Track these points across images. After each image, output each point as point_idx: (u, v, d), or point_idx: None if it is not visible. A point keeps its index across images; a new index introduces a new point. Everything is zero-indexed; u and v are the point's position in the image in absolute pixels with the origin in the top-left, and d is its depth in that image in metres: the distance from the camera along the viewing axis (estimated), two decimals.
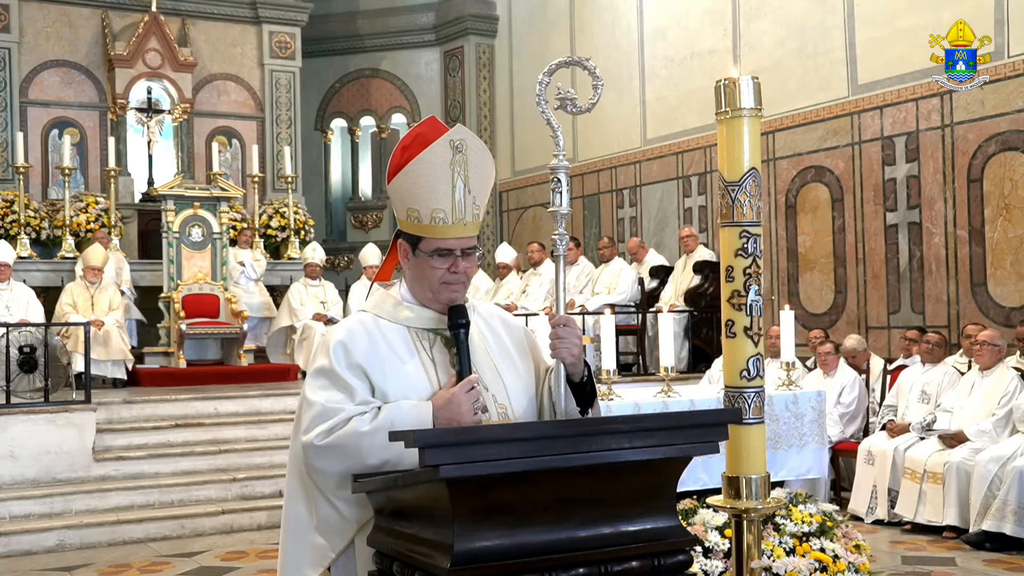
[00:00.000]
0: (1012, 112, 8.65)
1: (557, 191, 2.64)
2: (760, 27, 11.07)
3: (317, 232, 14.46)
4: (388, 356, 2.50)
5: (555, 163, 2.64)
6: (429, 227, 2.49)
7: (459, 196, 2.48)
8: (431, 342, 2.55)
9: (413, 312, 2.56)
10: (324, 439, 2.39)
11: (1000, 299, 8.74)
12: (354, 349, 2.48)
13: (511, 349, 2.64)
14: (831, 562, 5.05)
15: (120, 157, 13.30)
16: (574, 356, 2.52)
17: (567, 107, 2.71)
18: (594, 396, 2.59)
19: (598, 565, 2.17)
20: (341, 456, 2.39)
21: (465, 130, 2.52)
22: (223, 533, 7.90)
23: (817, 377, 8.73)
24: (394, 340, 2.52)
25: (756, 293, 2.83)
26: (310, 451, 2.41)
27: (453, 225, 2.48)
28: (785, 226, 10.73)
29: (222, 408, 9.29)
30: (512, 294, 11.76)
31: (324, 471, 2.43)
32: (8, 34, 13.08)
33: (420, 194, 2.48)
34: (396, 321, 2.55)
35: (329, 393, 2.44)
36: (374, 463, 2.37)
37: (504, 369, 2.59)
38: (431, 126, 2.57)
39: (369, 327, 2.54)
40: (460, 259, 2.51)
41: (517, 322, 2.77)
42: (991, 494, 6.93)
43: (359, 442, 2.37)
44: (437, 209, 2.47)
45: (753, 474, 2.83)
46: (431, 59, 16.27)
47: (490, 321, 2.67)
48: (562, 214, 2.63)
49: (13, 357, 8.89)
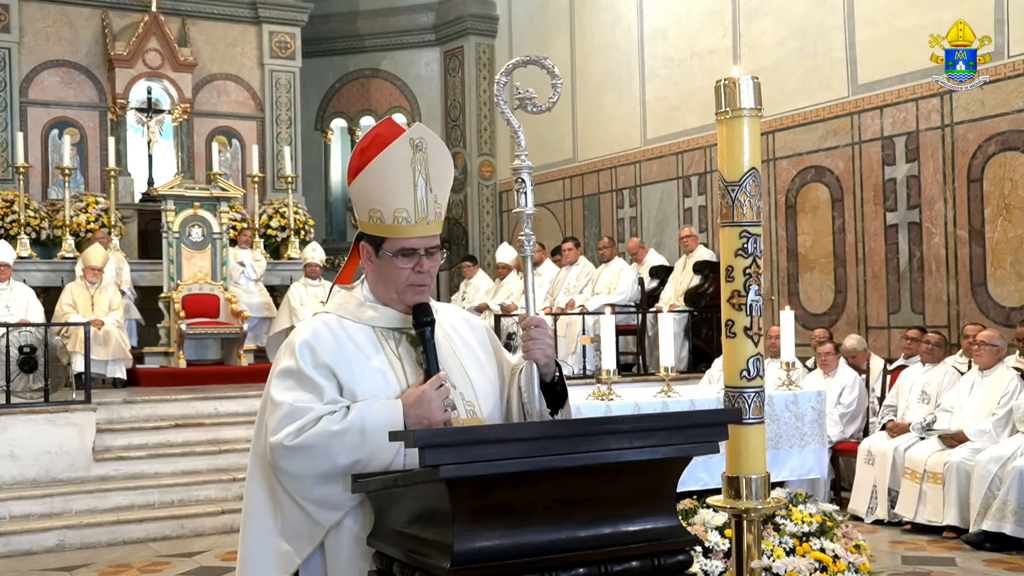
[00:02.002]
0: (1012, 112, 8.65)
1: (521, 191, 2.64)
2: (760, 27, 11.07)
3: (317, 232, 14.47)
4: (355, 355, 2.47)
5: (517, 163, 2.64)
6: (392, 227, 2.48)
7: (421, 195, 2.47)
8: (397, 341, 2.54)
9: (377, 312, 2.54)
10: (294, 439, 2.35)
11: (1000, 299, 8.74)
12: (320, 349, 2.45)
13: (476, 348, 2.64)
14: (831, 562, 5.05)
15: (120, 157, 13.30)
16: (547, 356, 2.52)
17: (527, 106, 2.70)
18: (565, 397, 2.58)
19: (598, 565, 2.17)
20: (311, 457, 2.35)
21: (424, 128, 2.53)
22: (223, 533, 7.90)
23: (817, 377, 8.73)
24: (360, 340, 2.50)
25: (756, 293, 2.83)
26: (279, 452, 2.37)
27: (416, 224, 2.48)
28: (785, 226, 10.73)
29: (222, 408, 9.29)
30: (512, 294, 11.76)
31: (293, 473, 2.38)
32: (8, 34, 13.08)
33: (382, 195, 2.47)
34: (360, 321, 2.53)
35: (296, 393, 2.40)
36: (345, 463, 2.35)
37: (470, 367, 2.58)
38: (388, 127, 2.57)
39: (334, 327, 2.51)
40: (424, 258, 2.50)
41: (480, 322, 2.78)
42: (991, 494, 6.93)
43: (330, 442, 2.34)
44: (399, 209, 2.47)
45: (753, 474, 2.82)
46: (431, 59, 16.27)
47: (453, 321, 2.66)
48: (527, 214, 2.64)
49: (13, 357, 8.90)
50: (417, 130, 2.50)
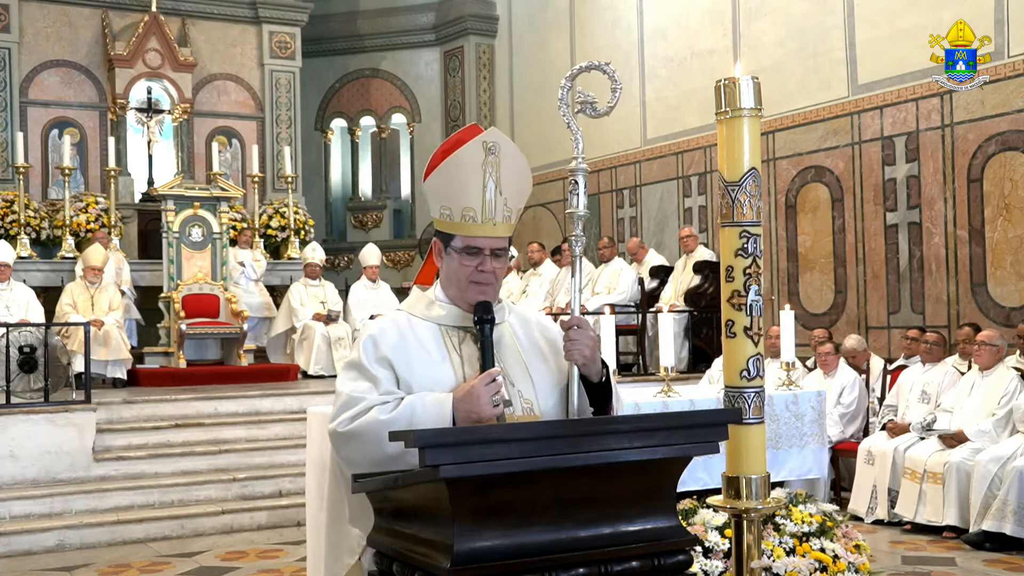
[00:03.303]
0: (1012, 112, 8.65)
1: (575, 192, 2.69)
2: (760, 27, 11.07)
3: (317, 232, 14.47)
4: (416, 350, 2.56)
5: (574, 165, 2.68)
6: (460, 225, 2.56)
7: (489, 196, 2.55)
8: (460, 339, 2.61)
9: (444, 310, 2.63)
10: (347, 426, 2.45)
11: (1000, 299, 8.74)
12: (383, 343, 2.55)
13: (544, 348, 2.69)
14: (831, 562, 5.05)
15: (120, 157, 13.30)
16: (585, 357, 2.56)
17: (587, 110, 2.73)
18: (610, 397, 2.63)
19: (598, 565, 2.17)
20: (362, 443, 2.44)
21: (499, 133, 2.60)
22: (223, 533, 7.90)
23: (817, 377, 8.73)
24: (424, 336, 2.59)
25: (756, 293, 2.83)
26: (334, 438, 2.49)
27: (482, 224, 2.56)
28: (785, 226, 10.73)
29: (222, 408, 9.29)
30: (512, 294, 11.76)
31: (348, 459, 2.49)
32: (8, 34, 13.08)
33: (452, 192, 2.56)
34: (428, 319, 2.62)
35: (356, 384, 2.51)
36: (393, 452, 2.39)
37: (534, 366, 2.63)
38: (470, 131, 2.67)
39: (401, 324, 2.61)
40: (489, 259, 2.58)
41: (555, 326, 2.80)
42: (991, 494, 6.93)
43: (379, 430, 2.40)
44: (468, 208, 2.55)
45: (753, 474, 2.82)
46: (431, 59, 16.27)
47: (526, 321, 2.73)
48: (579, 216, 2.67)
49: (13, 357, 8.90)
50: (491, 134, 2.58)
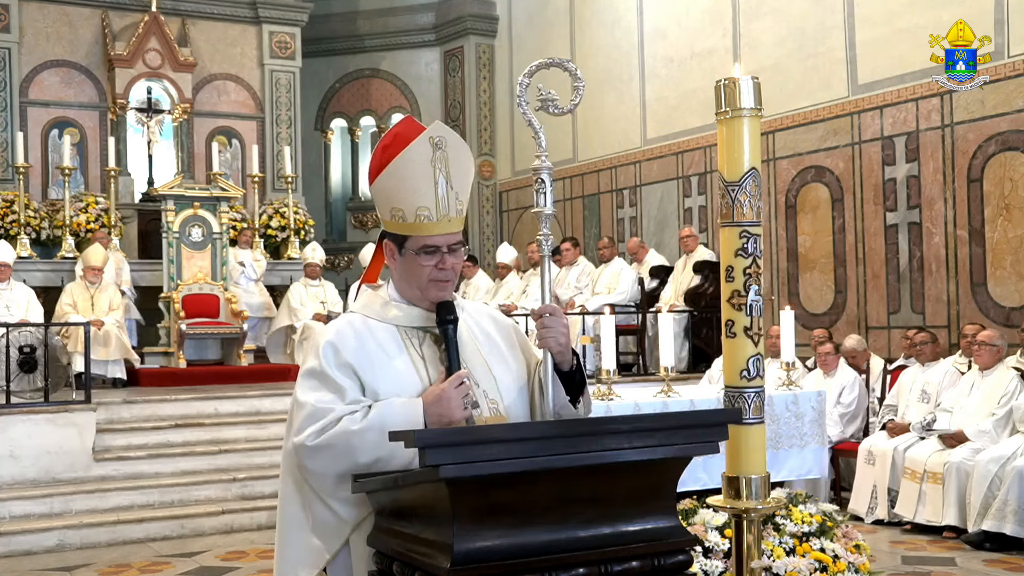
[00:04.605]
0: (1012, 112, 8.64)
1: (541, 192, 2.64)
2: (760, 27, 11.07)
3: (317, 232, 14.46)
4: (378, 355, 2.50)
5: (538, 164, 2.65)
6: (414, 225, 2.51)
7: (442, 192, 2.50)
8: (420, 340, 2.56)
9: (401, 311, 2.57)
10: (315, 439, 2.39)
11: (1000, 299, 8.74)
12: (343, 349, 2.48)
13: (501, 345, 2.65)
14: (831, 562, 5.05)
15: (120, 157, 13.30)
16: (561, 345, 2.52)
17: (548, 108, 2.70)
18: (584, 385, 2.60)
19: (598, 565, 2.17)
20: (333, 456, 2.39)
21: (443, 126, 2.54)
22: (223, 533, 7.90)
23: (817, 377, 8.73)
24: (383, 339, 2.53)
25: (756, 293, 2.82)
26: (302, 452, 2.41)
27: (438, 222, 2.50)
28: (785, 226, 10.73)
29: (222, 408, 9.29)
30: (512, 294, 11.76)
31: (317, 472, 2.43)
32: (8, 34, 13.08)
33: (403, 193, 2.50)
34: (385, 320, 2.56)
35: (319, 394, 2.44)
36: (366, 461, 2.37)
37: (495, 365, 2.59)
38: (409, 125, 2.60)
39: (358, 327, 2.54)
40: (447, 255, 2.53)
41: (507, 320, 2.78)
42: (991, 494, 6.93)
43: (350, 441, 2.37)
44: (421, 207, 2.49)
45: (753, 474, 2.82)
46: (431, 59, 16.26)
47: (479, 319, 2.68)
48: (546, 215, 2.64)
49: (13, 357, 8.90)
50: (436, 128, 2.52)
